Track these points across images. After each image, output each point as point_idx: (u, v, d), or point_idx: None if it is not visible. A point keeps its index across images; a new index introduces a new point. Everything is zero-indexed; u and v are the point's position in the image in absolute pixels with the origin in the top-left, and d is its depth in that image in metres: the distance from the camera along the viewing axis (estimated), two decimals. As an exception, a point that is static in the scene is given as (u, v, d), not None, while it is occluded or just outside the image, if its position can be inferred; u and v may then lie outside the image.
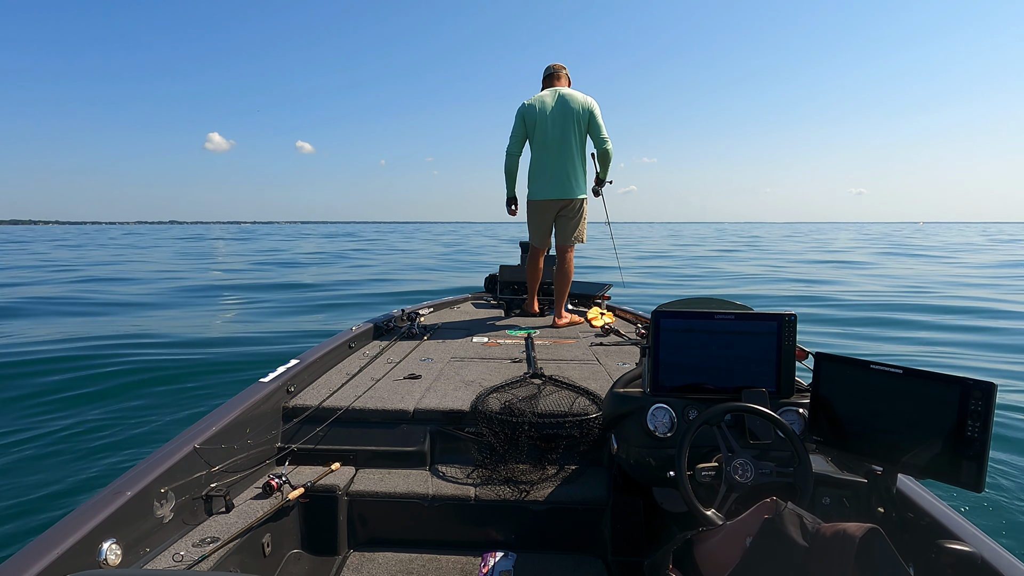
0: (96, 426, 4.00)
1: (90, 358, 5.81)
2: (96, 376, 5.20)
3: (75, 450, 3.61)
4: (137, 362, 5.66)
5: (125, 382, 5.06)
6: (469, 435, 2.19)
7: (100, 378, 5.16)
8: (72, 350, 6.16)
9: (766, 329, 1.71)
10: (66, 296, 11.50)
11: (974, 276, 15.75)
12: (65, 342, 6.66)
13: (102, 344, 6.52)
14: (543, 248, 4.03)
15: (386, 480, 2.06)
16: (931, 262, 21.16)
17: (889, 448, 1.41)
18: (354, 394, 2.37)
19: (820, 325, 8.37)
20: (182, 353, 6.17)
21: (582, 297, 4.83)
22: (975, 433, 1.28)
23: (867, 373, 1.45)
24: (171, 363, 5.68)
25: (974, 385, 1.29)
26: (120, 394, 4.74)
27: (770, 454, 1.62)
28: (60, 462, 3.44)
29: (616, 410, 1.82)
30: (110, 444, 3.69)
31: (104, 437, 3.80)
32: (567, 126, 3.67)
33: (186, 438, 1.81)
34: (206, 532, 1.68)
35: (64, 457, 3.50)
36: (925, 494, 1.49)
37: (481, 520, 2.00)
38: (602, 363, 2.90)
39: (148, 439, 3.78)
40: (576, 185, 3.76)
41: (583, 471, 2.10)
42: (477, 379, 2.60)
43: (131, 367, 5.50)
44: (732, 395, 1.70)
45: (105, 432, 3.89)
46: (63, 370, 5.36)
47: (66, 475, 3.26)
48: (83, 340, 6.78)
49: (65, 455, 3.53)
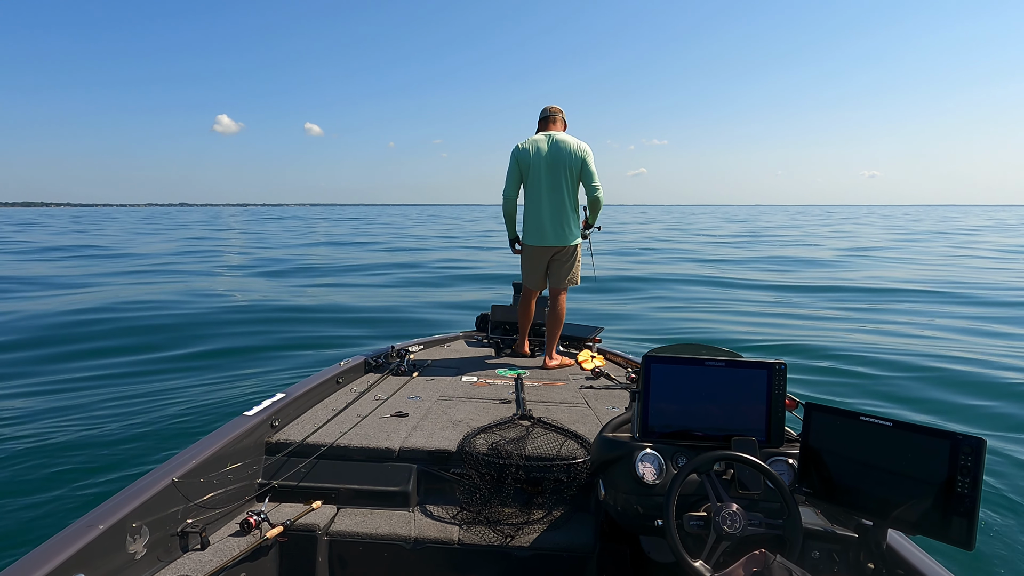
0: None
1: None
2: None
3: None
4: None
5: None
6: (455, 476, 2.15)
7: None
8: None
9: (756, 378, 1.71)
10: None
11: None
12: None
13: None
14: (536, 290, 4.04)
15: (368, 520, 2.01)
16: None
17: (880, 502, 1.40)
18: (339, 431, 2.33)
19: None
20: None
21: (573, 339, 4.83)
22: (965, 489, 1.27)
23: (857, 425, 1.45)
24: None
25: (963, 440, 1.29)
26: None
27: (759, 505, 1.60)
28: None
29: (604, 455, 1.80)
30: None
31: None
32: (559, 173, 3.72)
33: (164, 471, 1.77)
34: (180, 569, 1.63)
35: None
36: (915, 550, 1.47)
37: (464, 565, 1.95)
38: (591, 406, 2.88)
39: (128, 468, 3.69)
40: (569, 233, 3.80)
41: (570, 516, 2.06)
42: (465, 419, 2.57)
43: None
44: (721, 443, 1.69)
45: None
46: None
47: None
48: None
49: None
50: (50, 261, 17.48)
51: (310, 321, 8.53)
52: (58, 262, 17.14)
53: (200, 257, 19.08)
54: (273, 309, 9.37)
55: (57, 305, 9.41)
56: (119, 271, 14.76)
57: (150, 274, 14.16)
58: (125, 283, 12.40)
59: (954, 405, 4.90)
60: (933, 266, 15.91)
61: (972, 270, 14.79)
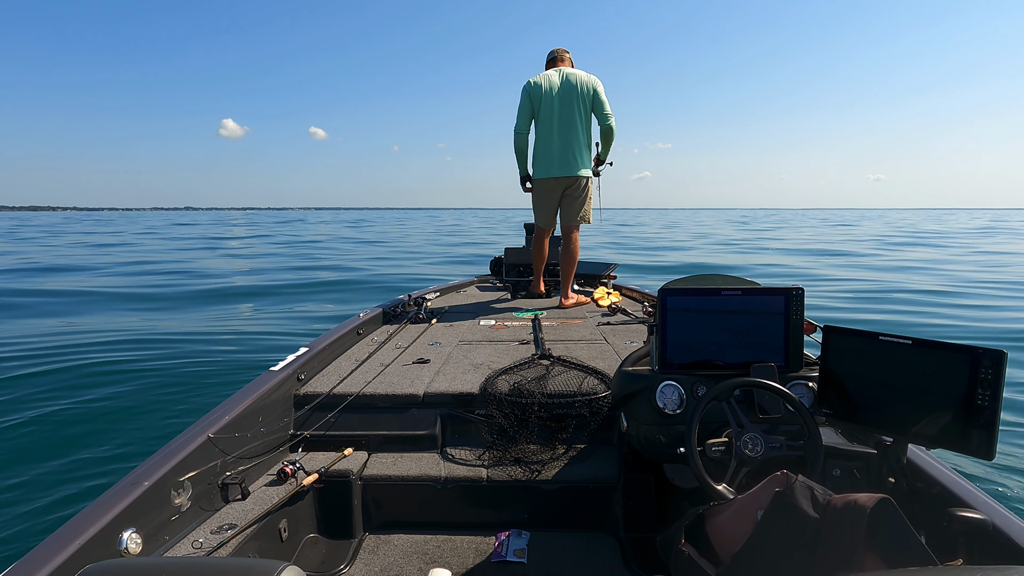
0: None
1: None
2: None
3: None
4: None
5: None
6: (479, 417, 2.20)
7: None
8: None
9: (773, 304, 1.70)
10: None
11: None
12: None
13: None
14: (549, 228, 4.01)
15: (398, 464, 2.08)
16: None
17: (899, 419, 1.41)
18: (364, 380, 2.39)
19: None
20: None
21: (588, 277, 4.82)
22: (985, 401, 1.27)
23: (876, 344, 1.45)
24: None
25: (984, 354, 1.28)
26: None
27: (780, 428, 1.62)
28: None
29: (625, 389, 1.83)
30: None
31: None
32: (572, 104, 3.66)
33: (200, 428, 1.83)
34: (223, 519, 1.71)
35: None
36: (936, 463, 1.49)
37: (493, 501, 2.03)
38: (610, 342, 2.90)
39: (165, 428, 3.84)
40: (581, 163, 3.74)
41: (593, 450, 2.12)
42: (486, 362, 2.61)
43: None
44: (741, 370, 1.70)
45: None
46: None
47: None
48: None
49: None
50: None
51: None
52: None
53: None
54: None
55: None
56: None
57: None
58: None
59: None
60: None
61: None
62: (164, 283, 11.98)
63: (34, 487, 3.09)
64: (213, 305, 9.21)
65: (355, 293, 10.72)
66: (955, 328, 7.08)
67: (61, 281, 12.22)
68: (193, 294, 10.44)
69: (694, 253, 19.97)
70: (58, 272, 14.19)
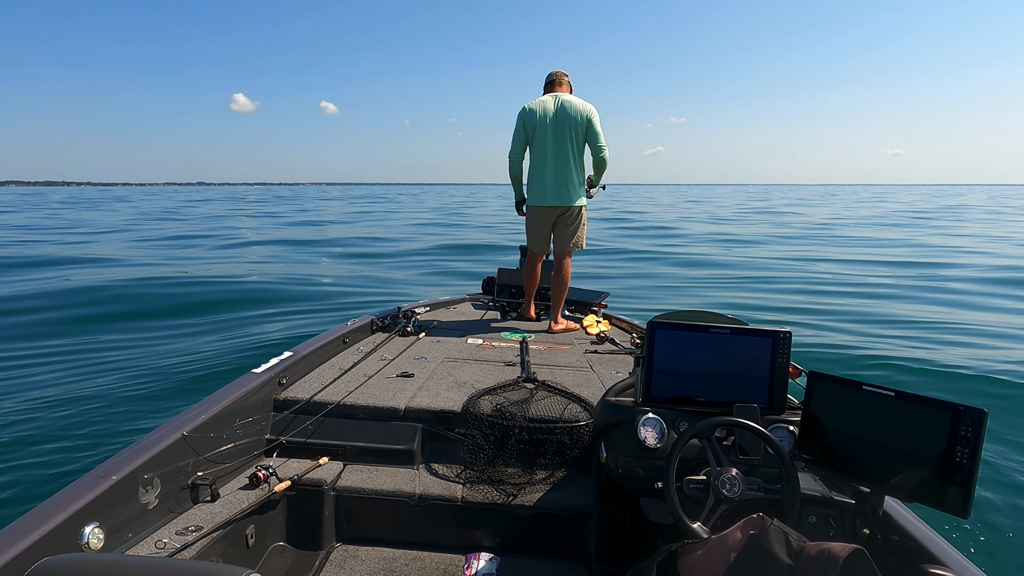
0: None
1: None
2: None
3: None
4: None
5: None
6: (459, 436, 2.18)
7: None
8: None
9: (760, 345, 1.71)
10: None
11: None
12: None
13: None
14: (541, 253, 4.03)
15: (373, 477, 2.06)
16: None
17: (878, 470, 1.41)
18: (346, 389, 2.36)
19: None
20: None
21: (579, 304, 4.83)
22: (964, 459, 1.28)
23: (859, 394, 1.46)
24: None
25: (964, 411, 1.29)
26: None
27: (759, 470, 1.62)
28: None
29: (607, 418, 1.82)
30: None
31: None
32: (565, 133, 3.69)
33: (174, 425, 1.80)
34: (190, 520, 1.67)
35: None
36: (911, 517, 1.49)
37: (467, 522, 2.00)
38: (595, 371, 2.90)
39: (136, 424, 3.77)
40: (574, 193, 3.77)
41: (571, 478, 2.10)
42: (470, 380, 2.60)
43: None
44: (724, 409, 1.70)
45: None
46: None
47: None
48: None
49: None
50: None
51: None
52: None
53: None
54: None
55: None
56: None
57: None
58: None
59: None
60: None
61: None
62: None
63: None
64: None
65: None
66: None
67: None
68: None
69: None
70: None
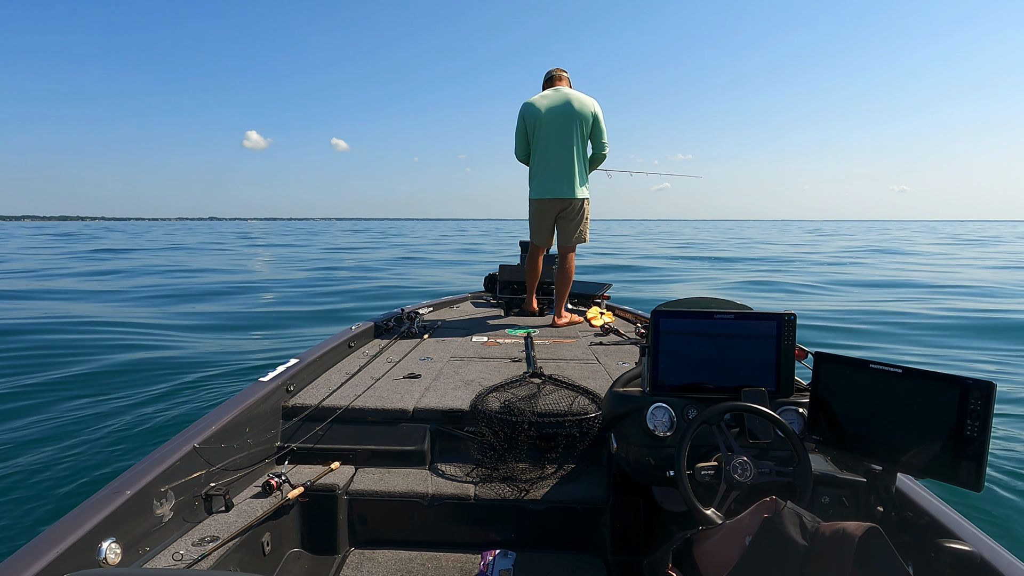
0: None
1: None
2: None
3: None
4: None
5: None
6: (469, 434, 2.18)
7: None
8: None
9: (765, 329, 1.71)
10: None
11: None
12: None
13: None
14: (543, 247, 4.02)
15: (386, 479, 2.06)
16: None
17: (889, 448, 1.41)
18: (353, 393, 2.37)
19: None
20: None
21: (582, 297, 4.83)
22: (974, 433, 1.28)
23: (866, 373, 1.45)
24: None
25: (973, 385, 1.28)
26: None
27: (769, 453, 1.62)
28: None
29: (615, 409, 1.82)
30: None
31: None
32: (570, 126, 3.66)
33: (185, 437, 1.81)
34: (206, 531, 1.68)
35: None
36: (924, 493, 1.49)
37: (480, 519, 2.00)
38: (601, 362, 2.90)
39: (149, 437, 3.79)
40: (577, 186, 3.75)
41: (582, 470, 2.10)
42: (477, 378, 2.60)
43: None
44: (732, 394, 1.70)
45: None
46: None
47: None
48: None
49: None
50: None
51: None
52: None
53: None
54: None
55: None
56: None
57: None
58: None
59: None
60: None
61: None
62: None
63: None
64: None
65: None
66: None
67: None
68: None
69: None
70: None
